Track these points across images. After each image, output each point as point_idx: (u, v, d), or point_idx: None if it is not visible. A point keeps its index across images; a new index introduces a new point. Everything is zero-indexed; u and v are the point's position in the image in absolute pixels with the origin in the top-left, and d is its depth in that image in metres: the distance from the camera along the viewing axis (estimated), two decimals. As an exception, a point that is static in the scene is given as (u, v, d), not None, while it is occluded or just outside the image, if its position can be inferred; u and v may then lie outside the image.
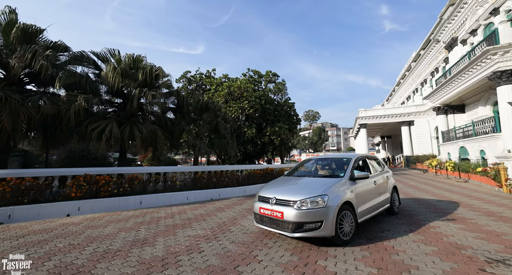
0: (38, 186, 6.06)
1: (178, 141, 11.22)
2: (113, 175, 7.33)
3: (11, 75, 7.21)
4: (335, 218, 3.27)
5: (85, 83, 8.63)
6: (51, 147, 9.62)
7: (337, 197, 3.43)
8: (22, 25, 7.33)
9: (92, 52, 9.20)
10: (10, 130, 6.71)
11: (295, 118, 25.23)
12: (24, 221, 5.38)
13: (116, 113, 9.37)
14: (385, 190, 4.84)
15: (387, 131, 31.98)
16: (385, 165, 5.44)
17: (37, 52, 7.01)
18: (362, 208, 3.87)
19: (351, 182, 3.84)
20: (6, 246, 3.70)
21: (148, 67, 9.36)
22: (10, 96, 6.57)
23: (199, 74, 23.90)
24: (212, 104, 12.77)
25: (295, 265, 2.86)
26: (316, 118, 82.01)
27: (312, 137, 70.53)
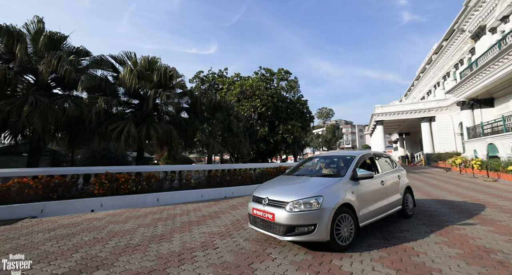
0: (65, 183, 6.48)
1: (192, 140, 11.48)
2: (132, 173, 7.65)
3: (40, 80, 7.74)
4: (330, 221, 3.00)
5: (105, 86, 9.06)
6: (76, 146, 10.24)
7: (334, 198, 3.15)
8: (48, 33, 7.84)
9: (110, 55, 9.63)
10: (40, 131, 7.23)
11: (308, 115, 24.84)
12: (54, 216, 5.78)
13: (133, 113, 9.75)
14: (396, 191, 4.47)
15: (406, 127, 30.56)
16: (397, 163, 5.06)
17: (62, 57, 7.46)
18: (366, 211, 3.57)
19: (353, 182, 3.55)
20: (40, 238, 4.01)
21: (163, 68, 9.64)
22: (40, 100, 7.06)
23: (211, 74, 24.21)
24: (224, 103, 12.91)
25: (309, 263, 2.84)
26: (330, 115, 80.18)
27: (326, 135, 69.12)
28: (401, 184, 4.67)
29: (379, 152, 4.88)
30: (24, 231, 4.50)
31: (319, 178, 3.77)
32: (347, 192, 3.37)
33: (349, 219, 3.24)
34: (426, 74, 29.24)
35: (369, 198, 3.73)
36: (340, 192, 3.29)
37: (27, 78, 8.06)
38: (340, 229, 3.12)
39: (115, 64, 9.86)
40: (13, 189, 5.90)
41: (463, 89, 15.39)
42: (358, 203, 3.43)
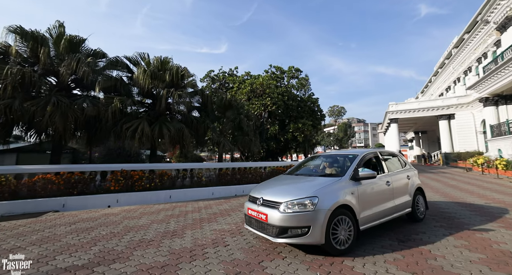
0: (84, 180, 6.81)
1: (203, 138, 11.65)
2: (146, 171, 7.90)
3: (61, 81, 8.15)
4: (325, 223, 2.85)
5: (120, 86, 9.38)
6: (93, 145, 10.70)
7: (331, 199, 2.99)
8: (68, 37, 8.22)
9: (125, 56, 9.94)
10: (61, 130, 7.62)
11: (319, 114, 24.44)
12: (75, 210, 6.10)
13: (147, 113, 10.03)
14: (405, 192, 4.19)
15: (422, 126, 29.32)
16: (407, 163, 4.78)
17: (81, 60, 7.80)
18: (367, 213, 3.36)
19: (354, 183, 3.36)
20: (62, 231, 4.25)
21: (174, 68, 9.82)
22: (61, 100, 7.43)
23: (222, 73, 24.39)
24: (235, 102, 12.98)
25: (320, 263, 2.81)
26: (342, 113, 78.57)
27: (337, 133, 67.77)
28: (410, 185, 4.38)
29: (386, 150, 4.63)
30: (48, 224, 4.79)
31: (317, 177, 3.62)
32: (346, 193, 3.19)
33: (348, 222, 3.06)
34: (445, 69, 27.82)
35: (372, 200, 3.52)
36: (338, 193, 3.13)
37: (49, 80, 8.50)
38: (337, 232, 2.96)
39: (130, 65, 10.17)
40: (38, 185, 6.28)
41: (487, 84, 14.50)
42: (358, 205, 3.25)
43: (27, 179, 6.33)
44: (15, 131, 8.84)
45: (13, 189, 6.03)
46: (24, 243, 3.69)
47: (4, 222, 4.96)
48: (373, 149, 4.31)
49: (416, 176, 4.70)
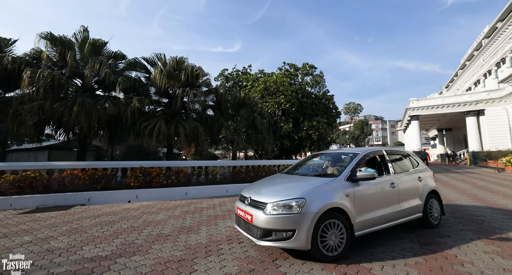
0: (107, 176, 7.21)
1: (217, 136, 11.84)
2: (163, 168, 8.19)
3: (85, 83, 8.66)
4: (312, 227, 2.67)
5: (138, 86, 9.77)
6: (114, 143, 11.28)
7: (320, 201, 2.79)
8: (92, 40, 8.70)
9: (143, 57, 10.33)
10: (86, 129, 8.12)
11: (334, 111, 23.82)
12: (99, 204, 6.49)
13: (163, 112, 10.37)
14: (414, 195, 3.84)
15: (446, 123, 27.52)
16: (420, 162, 4.38)
17: (103, 62, 8.22)
18: (366, 218, 3.11)
19: (350, 184, 3.12)
20: (88, 223, 4.55)
21: (189, 67, 10.04)
22: (86, 101, 7.90)
23: (235, 71, 24.52)
24: (248, 100, 13.01)
25: (336, 264, 2.76)
26: (358, 110, 75.81)
27: (354, 131, 65.67)
28: (422, 187, 4.00)
29: (393, 148, 4.34)
30: (76, 216, 5.14)
31: (311, 177, 3.43)
32: (339, 195, 2.97)
33: (339, 226, 2.84)
34: (474, 61, 25.81)
35: (372, 203, 3.25)
36: (329, 195, 2.91)
37: (75, 82, 9.06)
38: (326, 237, 2.76)
39: (147, 66, 10.55)
40: (67, 180, 6.75)
41: (522, 77, 13.25)
42: (354, 208, 3.01)
43: (57, 174, 6.83)
44: (47, 130, 9.57)
45: (45, 183, 6.54)
46: (56, 233, 4.00)
47: (39, 213, 5.41)
48: (378, 148, 4.02)
49: (431, 178, 4.29)
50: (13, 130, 7.77)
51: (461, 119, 21.74)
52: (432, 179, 4.33)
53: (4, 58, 7.51)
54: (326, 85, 25.20)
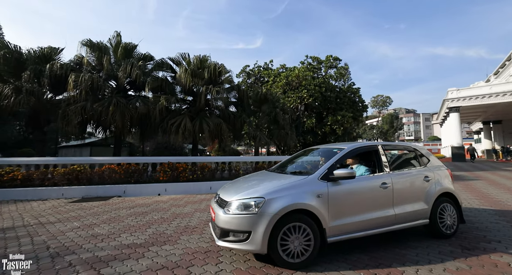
0: (139, 170, 7.79)
1: (240, 132, 12.02)
2: (189, 163, 8.59)
3: (119, 84, 9.38)
4: (269, 230, 2.46)
5: (165, 85, 10.28)
6: (145, 139, 12.11)
7: (281, 202, 2.55)
8: (124, 44, 9.36)
9: (169, 58, 10.82)
10: (121, 127, 8.84)
11: (361, 105, 22.57)
12: (132, 196, 7.06)
13: (188, 109, 10.81)
14: (417, 198, 3.31)
15: (494, 114, 24.38)
16: (431, 160, 3.73)
17: (134, 64, 8.81)
18: (343, 222, 2.77)
19: (324, 183, 2.81)
20: (124, 213, 4.99)
21: (212, 65, 10.27)
22: (120, 101, 8.57)
23: (257, 67, 24.45)
24: (270, 95, 12.94)
25: (365, 264, 2.66)
26: (387, 104, 70.70)
27: (382, 126, 61.67)
28: (430, 189, 3.40)
29: (394, 143, 3.86)
30: (114, 206, 5.67)
31: (288, 175, 3.18)
32: (308, 195, 2.68)
33: (305, 231, 2.57)
34: (531, 43, 22.27)
35: (353, 205, 2.90)
36: (295, 195, 2.64)
37: (110, 83, 9.86)
38: (288, 242, 2.52)
39: (173, 65, 11.04)
40: (106, 173, 7.46)
41: None
42: (327, 211, 2.70)
43: (98, 169, 7.57)
44: (88, 129, 10.61)
45: (89, 176, 7.30)
46: (98, 221, 4.47)
47: (84, 202, 6.09)
48: (373, 142, 3.61)
49: (445, 178, 3.63)
50: (62, 128, 8.78)
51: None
52: (448, 179, 3.66)
53: (54, 65, 8.45)
54: (351, 77, 23.98)
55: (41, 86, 8.56)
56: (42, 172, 7.09)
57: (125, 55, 9.52)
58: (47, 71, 8.31)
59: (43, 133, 9.43)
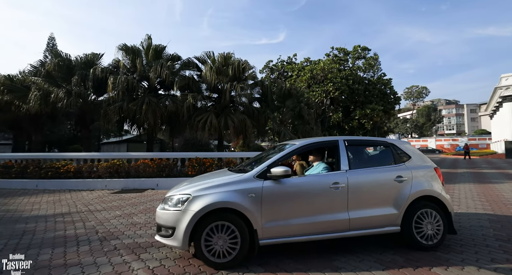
0: (169, 165, 8.29)
1: (264, 128, 12.05)
2: (215, 159, 8.89)
3: (151, 84, 10.02)
4: (190, 228, 2.41)
5: (192, 84, 10.69)
6: (174, 136, 12.82)
7: (206, 200, 2.48)
8: (154, 46, 9.94)
9: (194, 57, 11.20)
10: (153, 124, 9.46)
11: (392, 97, 20.97)
12: (164, 189, 7.56)
13: (214, 106, 11.12)
14: (382, 201, 2.86)
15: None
16: (414, 157, 3.15)
17: (163, 64, 9.30)
18: (280, 223, 2.59)
19: (260, 182, 2.65)
20: (158, 205, 5.37)
21: (236, 62, 10.38)
22: (151, 100, 9.16)
23: (280, 62, 24.10)
24: (294, 90, 12.69)
25: (400, 265, 2.51)
26: (423, 94, 64.56)
27: (417, 119, 56.67)
28: (402, 191, 2.88)
29: (362, 138, 3.51)
30: (149, 198, 6.14)
31: (230, 172, 3.07)
32: (239, 194, 2.55)
33: (232, 231, 2.47)
34: None
35: (295, 206, 2.66)
36: (223, 193, 2.54)
37: (143, 84, 10.57)
38: (211, 242, 2.44)
39: (198, 64, 11.40)
40: (141, 167, 8.09)
41: None
42: (261, 211, 2.54)
43: (134, 163, 8.24)
44: (125, 126, 11.57)
45: (126, 170, 7.99)
46: (136, 211, 4.88)
47: (124, 194, 6.70)
48: (333, 137, 3.24)
49: (430, 179, 3.05)
50: (103, 126, 9.70)
51: None
52: (432, 180, 3.05)
53: (96, 69, 9.34)
54: (381, 68, 22.29)
55: (86, 88, 9.54)
56: (89, 166, 7.95)
57: (155, 57, 10.09)
58: (91, 75, 9.22)
59: (88, 131, 10.54)
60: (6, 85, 9.48)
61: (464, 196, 6.15)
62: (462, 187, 7.53)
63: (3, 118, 11.33)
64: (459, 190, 7.04)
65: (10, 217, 4.52)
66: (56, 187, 7.49)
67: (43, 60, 11.05)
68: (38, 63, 10.59)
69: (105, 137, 22.75)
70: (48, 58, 11.28)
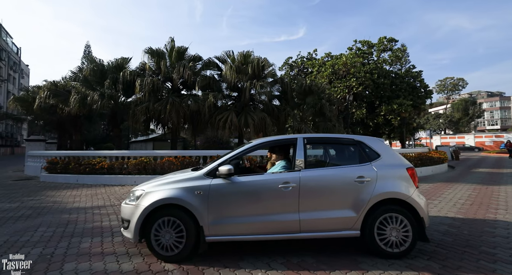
0: (192, 163, 8.59)
1: (283, 126, 11.95)
2: (236, 156, 9.02)
3: (174, 85, 10.46)
4: (140, 221, 2.59)
5: (212, 83, 10.95)
6: (196, 134, 13.26)
7: (155, 196, 2.63)
8: (177, 48, 10.35)
9: (215, 56, 11.44)
10: (176, 123, 9.89)
11: (423, 90, 19.48)
12: (188, 185, 7.87)
13: (234, 105, 11.27)
14: (339, 203, 2.66)
15: None
16: (380, 156, 2.85)
17: (185, 65, 9.65)
18: (227, 222, 2.60)
19: (209, 179, 2.68)
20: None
21: (255, 60, 10.39)
22: (175, 100, 9.56)
23: (300, 58, 23.62)
24: (315, 86, 12.37)
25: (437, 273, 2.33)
26: (459, 87, 58.85)
27: (452, 114, 51.89)
28: (363, 192, 2.64)
29: (324, 135, 3.41)
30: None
31: (188, 170, 3.17)
32: (186, 191, 2.63)
33: (178, 225, 2.57)
34: None
35: (242, 206, 2.65)
36: (172, 190, 2.65)
37: (167, 85, 11.07)
38: (159, 235, 2.58)
39: (219, 63, 11.62)
40: (166, 164, 8.49)
41: None
42: (207, 209, 2.59)
43: (159, 160, 8.68)
44: (151, 126, 12.25)
45: (153, 167, 8.46)
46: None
47: (151, 189, 7.09)
48: (294, 135, 3.04)
49: (399, 180, 2.75)
50: (132, 126, 10.35)
51: None
52: (402, 182, 2.74)
53: (125, 72, 10.01)
54: (410, 60, 20.73)
55: (117, 91, 10.25)
56: (120, 163, 8.55)
57: (178, 58, 10.50)
58: (120, 78, 9.89)
59: (119, 130, 11.34)
60: (51, 90, 10.57)
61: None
62: (510, 189, 6.75)
63: (50, 119, 12.68)
64: (505, 192, 6.34)
65: (57, 208, 5.04)
66: (93, 182, 8.18)
67: (81, 66, 12.13)
68: (77, 69, 11.64)
69: (133, 136, 24.32)
70: (85, 64, 12.32)
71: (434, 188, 7.07)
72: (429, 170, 10.60)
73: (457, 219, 4.09)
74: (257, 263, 2.55)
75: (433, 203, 5.22)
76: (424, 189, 6.77)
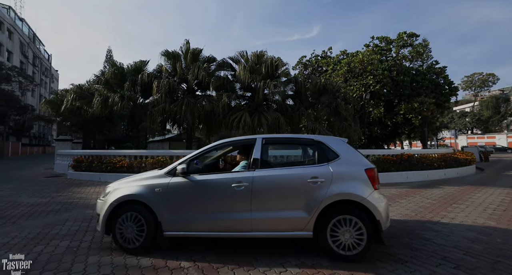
0: (207, 161, 8.76)
1: (297, 126, 11.79)
2: (249, 156, 9.06)
3: (189, 86, 10.72)
4: (107, 216, 2.81)
5: (226, 84, 11.06)
6: (210, 134, 13.47)
7: (119, 192, 2.88)
8: (191, 49, 10.59)
9: (228, 57, 11.54)
10: (191, 123, 10.11)
11: (447, 87, 18.30)
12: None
13: (247, 105, 11.30)
14: (291, 204, 2.64)
15: None
16: (339, 156, 2.78)
17: (200, 67, 9.85)
18: (183, 218, 2.75)
19: (169, 178, 2.87)
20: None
21: (269, 60, 10.36)
22: (190, 101, 9.79)
23: (314, 57, 23.20)
24: (330, 85, 12.07)
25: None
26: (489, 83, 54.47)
27: (481, 112, 48.32)
28: (316, 193, 2.59)
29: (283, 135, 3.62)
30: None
31: (156, 170, 3.31)
32: (147, 188, 2.84)
33: (140, 221, 2.77)
34: None
35: (197, 203, 2.77)
36: (134, 187, 2.88)
37: (182, 86, 11.37)
38: (122, 229, 2.80)
39: (232, 64, 11.71)
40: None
41: None
42: (166, 205, 2.77)
43: (175, 160, 8.92)
44: (167, 126, 12.65)
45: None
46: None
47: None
48: (253, 136, 3.09)
49: (355, 181, 2.65)
50: (149, 126, 10.76)
51: None
52: (358, 183, 2.64)
53: (143, 75, 10.43)
54: (432, 55, 19.59)
55: (135, 92, 10.70)
56: (138, 162, 8.92)
57: (193, 60, 10.74)
58: (139, 80, 10.31)
59: (137, 130, 11.82)
60: (77, 93, 11.27)
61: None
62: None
63: (76, 120, 13.51)
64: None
65: (82, 204, 5.37)
66: (114, 179, 8.44)
67: (103, 69, 12.82)
68: (99, 72, 12.31)
69: (151, 136, 25.24)
70: (107, 68, 13.02)
71: (460, 191, 6.62)
72: (454, 172, 9.95)
73: (488, 226, 3.81)
74: (271, 263, 2.54)
75: (459, 207, 4.89)
76: (448, 193, 6.37)
